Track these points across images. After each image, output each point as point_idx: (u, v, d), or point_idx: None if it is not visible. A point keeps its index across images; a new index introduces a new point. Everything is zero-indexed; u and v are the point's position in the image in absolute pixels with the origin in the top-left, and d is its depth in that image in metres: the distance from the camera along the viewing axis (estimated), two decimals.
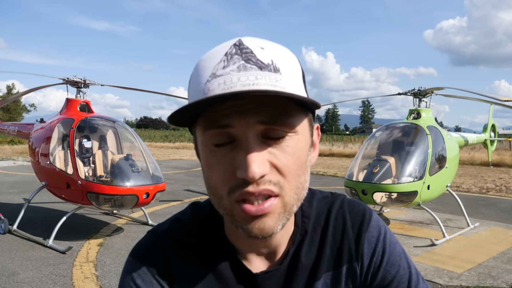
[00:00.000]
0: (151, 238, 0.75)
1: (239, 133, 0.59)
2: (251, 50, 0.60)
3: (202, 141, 0.62)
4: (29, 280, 4.26)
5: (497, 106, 8.70)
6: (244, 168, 0.57)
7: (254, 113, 0.58)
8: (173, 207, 8.23)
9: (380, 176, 5.78)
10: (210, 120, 0.60)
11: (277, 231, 0.62)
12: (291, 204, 0.62)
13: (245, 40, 0.62)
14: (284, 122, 0.59)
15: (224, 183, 0.60)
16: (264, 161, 0.58)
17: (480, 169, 16.16)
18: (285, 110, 0.60)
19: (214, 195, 0.63)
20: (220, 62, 0.60)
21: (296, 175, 0.62)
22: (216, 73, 0.59)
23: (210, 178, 0.63)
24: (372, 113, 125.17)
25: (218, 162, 0.60)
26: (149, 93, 9.10)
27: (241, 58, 0.59)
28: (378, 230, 0.76)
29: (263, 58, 0.60)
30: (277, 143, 0.60)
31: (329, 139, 39.46)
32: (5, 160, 18.76)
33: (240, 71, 0.58)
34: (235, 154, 0.59)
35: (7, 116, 45.35)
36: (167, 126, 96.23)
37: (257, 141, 0.59)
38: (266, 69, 0.59)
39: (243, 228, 0.62)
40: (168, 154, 24.39)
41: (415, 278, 0.75)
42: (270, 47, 0.62)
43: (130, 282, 0.70)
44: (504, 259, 5.06)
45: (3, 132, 8.56)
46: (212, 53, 0.63)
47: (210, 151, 0.61)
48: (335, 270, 0.74)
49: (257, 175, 0.57)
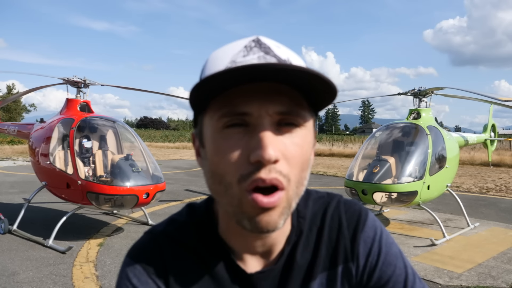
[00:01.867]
0: (147, 239, 0.75)
1: (255, 120, 0.59)
2: (269, 47, 0.62)
3: (214, 126, 0.61)
4: (29, 280, 4.26)
5: (497, 106, 8.70)
6: (260, 150, 0.57)
7: (273, 102, 0.59)
8: (173, 207, 8.23)
9: (380, 176, 5.78)
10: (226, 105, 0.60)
11: (280, 226, 0.62)
12: (292, 198, 0.63)
13: (263, 38, 0.64)
14: (298, 113, 0.61)
15: (235, 169, 0.59)
16: (277, 147, 0.59)
17: (480, 169, 16.16)
18: (299, 101, 0.61)
19: (221, 184, 0.62)
20: (240, 52, 0.61)
21: (301, 169, 0.62)
22: (236, 60, 0.60)
23: (218, 165, 0.61)
24: (372, 113, 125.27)
25: (230, 147, 0.60)
26: (149, 93, 9.10)
27: (261, 51, 0.61)
28: (374, 230, 0.76)
29: (281, 54, 0.62)
30: (289, 132, 0.61)
31: (329, 139, 39.47)
32: (5, 160, 18.77)
33: (260, 60, 0.59)
34: (249, 138, 0.59)
35: (7, 116, 45.34)
36: (167, 126, 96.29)
37: (272, 127, 0.59)
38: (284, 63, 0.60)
39: (250, 220, 0.61)
40: (168, 154, 24.40)
41: (412, 278, 0.75)
42: (285, 48, 0.64)
43: (126, 282, 0.70)
44: (504, 259, 5.06)
45: (3, 132, 8.56)
46: (230, 45, 0.64)
47: (222, 134, 0.61)
48: (331, 270, 0.74)
49: (273, 156, 0.57)
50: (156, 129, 79.98)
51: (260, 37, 0.64)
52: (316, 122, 0.70)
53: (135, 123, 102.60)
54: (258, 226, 0.61)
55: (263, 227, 0.61)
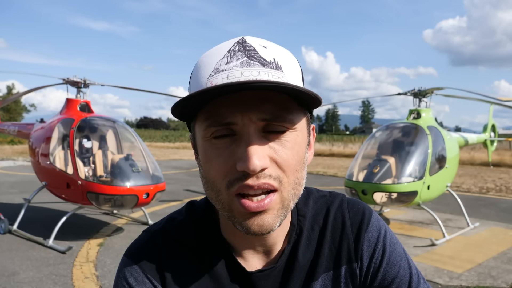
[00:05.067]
0: (144, 238, 0.75)
1: (241, 128, 0.59)
2: (254, 48, 0.61)
3: (202, 135, 0.62)
4: (29, 280, 4.26)
5: (497, 106, 8.70)
6: (245, 160, 0.57)
7: (256, 110, 0.59)
8: (173, 207, 8.22)
9: (380, 176, 5.78)
10: (212, 116, 0.60)
11: (276, 228, 0.62)
12: (289, 199, 0.62)
13: (248, 38, 0.63)
14: (284, 118, 0.61)
15: (223, 176, 0.60)
16: (264, 155, 0.59)
17: (480, 169, 16.16)
18: (285, 106, 0.61)
19: (212, 189, 0.63)
20: (223, 58, 0.61)
21: (295, 170, 0.62)
22: (219, 68, 0.60)
23: (208, 172, 0.62)
24: (372, 113, 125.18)
25: (218, 155, 0.61)
26: (149, 93, 9.10)
27: (244, 55, 0.60)
28: (378, 230, 0.75)
29: (266, 56, 0.61)
30: (277, 138, 0.61)
31: (329, 139, 39.46)
32: (5, 160, 18.75)
33: (243, 66, 0.59)
34: (235, 147, 0.59)
35: (7, 116, 45.32)
36: (167, 126, 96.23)
37: (258, 135, 0.59)
38: (269, 66, 0.60)
39: (241, 224, 0.61)
40: (168, 154, 24.38)
41: (416, 279, 0.74)
42: (272, 47, 0.63)
43: (123, 281, 0.70)
44: (504, 259, 5.05)
45: (3, 132, 8.55)
46: (215, 50, 0.63)
47: (210, 144, 0.62)
48: (334, 270, 0.73)
49: (258, 167, 0.57)
50: (156, 129, 79.94)
51: (246, 37, 0.63)
52: (314, 120, 0.70)
53: (135, 123, 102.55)
54: (250, 230, 0.61)
55: (255, 231, 0.61)
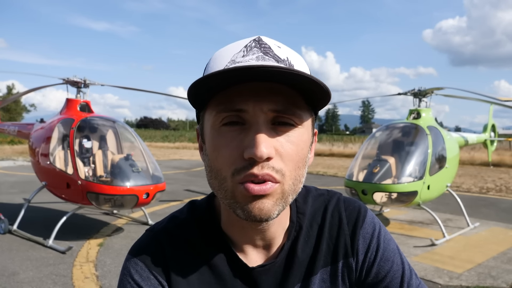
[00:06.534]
0: (148, 236, 0.77)
1: (251, 117, 0.61)
2: (269, 46, 0.64)
3: (212, 122, 0.64)
4: (29, 280, 4.26)
5: (497, 106, 8.71)
6: (252, 147, 0.59)
7: (268, 100, 0.61)
8: (173, 207, 8.22)
9: (380, 176, 5.78)
10: (224, 102, 0.62)
11: (274, 216, 0.64)
12: (288, 192, 0.64)
13: (264, 38, 0.66)
14: (294, 112, 0.63)
15: (230, 164, 0.62)
16: (271, 145, 0.61)
17: (480, 169, 16.16)
18: (295, 100, 0.63)
19: (217, 178, 0.64)
20: (240, 52, 0.63)
21: (297, 166, 0.64)
22: (235, 60, 0.62)
23: (215, 160, 0.64)
24: (372, 113, 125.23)
25: (226, 144, 0.62)
26: (149, 93, 9.10)
27: (260, 51, 0.63)
28: (372, 227, 0.78)
29: (280, 54, 0.64)
30: (284, 132, 0.63)
31: (329, 139, 39.49)
32: (5, 160, 18.75)
33: (258, 60, 0.62)
34: (244, 136, 0.61)
35: (7, 116, 45.32)
36: (167, 126, 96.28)
37: (267, 126, 0.62)
38: (282, 63, 0.62)
39: (243, 209, 0.63)
40: (168, 154, 24.39)
41: (408, 274, 0.77)
42: (285, 48, 0.67)
43: (128, 278, 0.72)
44: (504, 259, 5.06)
45: (3, 132, 8.56)
46: (232, 45, 0.66)
47: (219, 132, 0.63)
48: (332, 265, 0.76)
49: (265, 154, 0.59)
50: (156, 129, 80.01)
51: (262, 37, 0.66)
52: (316, 122, 0.71)
53: (135, 123, 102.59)
54: (251, 214, 0.62)
55: (255, 215, 0.62)
